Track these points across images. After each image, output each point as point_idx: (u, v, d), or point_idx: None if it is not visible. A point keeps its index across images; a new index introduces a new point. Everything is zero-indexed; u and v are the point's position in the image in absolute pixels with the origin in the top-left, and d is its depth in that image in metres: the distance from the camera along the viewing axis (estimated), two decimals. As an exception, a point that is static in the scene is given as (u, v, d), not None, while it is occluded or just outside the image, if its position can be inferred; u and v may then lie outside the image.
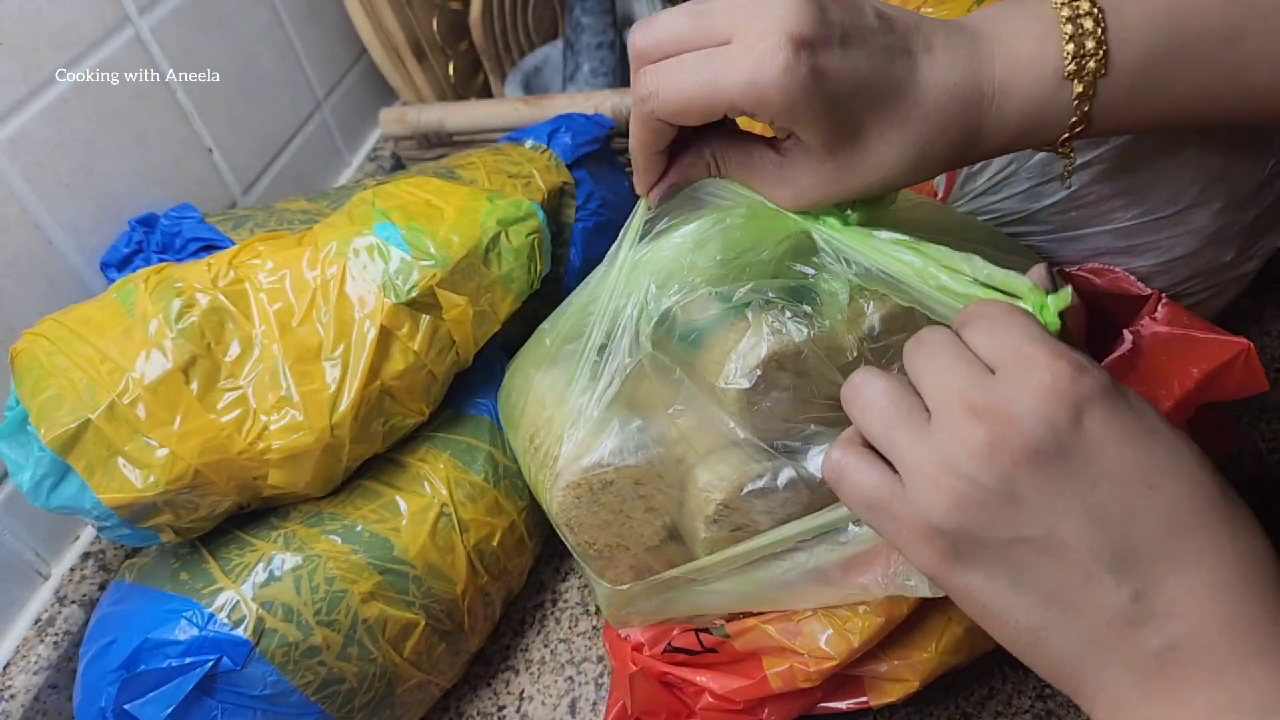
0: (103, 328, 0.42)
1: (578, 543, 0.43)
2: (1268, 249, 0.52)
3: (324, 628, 0.43)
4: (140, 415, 0.40)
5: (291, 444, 0.43)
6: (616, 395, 0.39)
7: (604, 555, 0.43)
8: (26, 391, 0.41)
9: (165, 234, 0.54)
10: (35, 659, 0.49)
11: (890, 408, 0.29)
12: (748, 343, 0.37)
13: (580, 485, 0.40)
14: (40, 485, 0.40)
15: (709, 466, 0.40)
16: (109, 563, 0.54)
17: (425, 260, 0.46)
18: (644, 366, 0.39)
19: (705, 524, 0.40)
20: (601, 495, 0.41)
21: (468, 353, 0.50)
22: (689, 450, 0.40)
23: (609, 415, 0.40)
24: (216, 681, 0.41)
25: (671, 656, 0.46)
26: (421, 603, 0.46)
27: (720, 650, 0.46)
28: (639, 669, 0.47)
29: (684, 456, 0.40)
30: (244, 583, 0.43)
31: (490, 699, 0.53)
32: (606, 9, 0.86)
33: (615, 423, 0.40)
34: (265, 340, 0.44)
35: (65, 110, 0.53)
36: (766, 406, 0.38)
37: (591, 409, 0.40)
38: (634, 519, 0.42)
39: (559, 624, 0.56)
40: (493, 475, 0.50)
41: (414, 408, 0.48)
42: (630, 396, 0.40)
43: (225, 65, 0.67)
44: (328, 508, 0.47)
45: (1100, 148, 0.48)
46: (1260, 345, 0.62)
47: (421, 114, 0.76)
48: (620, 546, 0.43)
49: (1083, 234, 0.51)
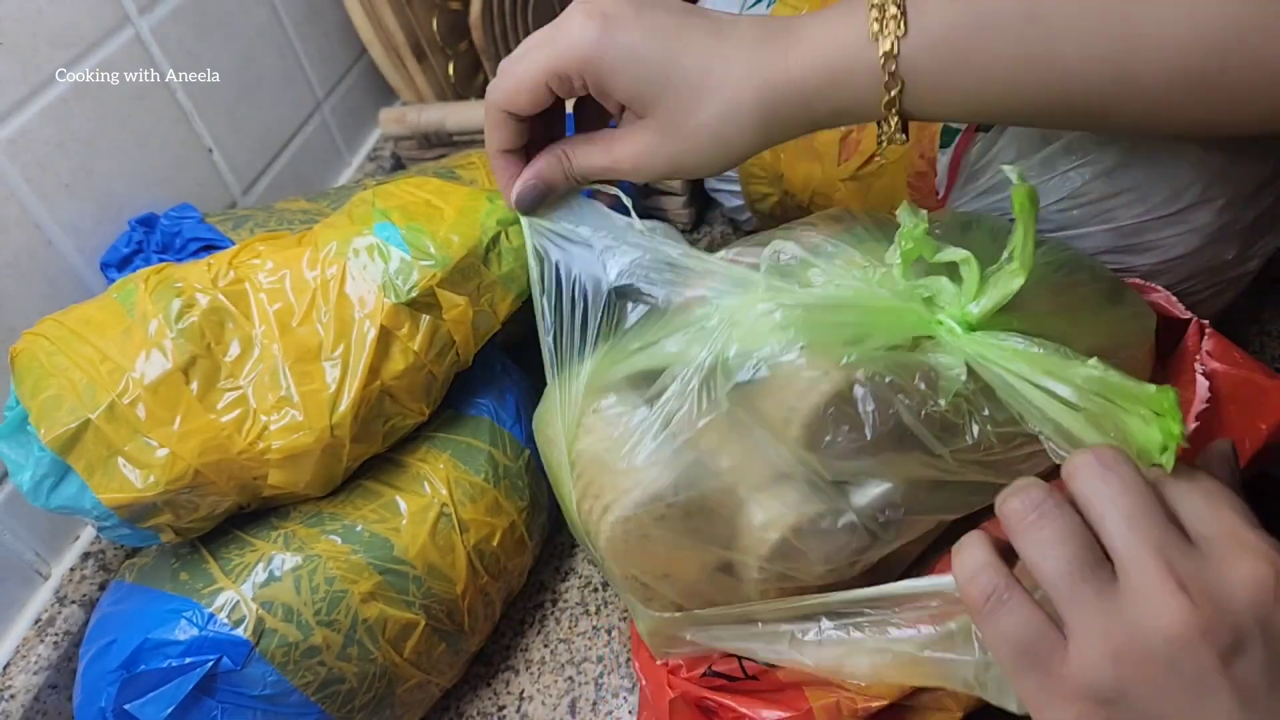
0: (103, 328, 0.42)
1: (624, 575, 0.41)
2: (1268, 248, 0.52)
3: (324, 628, 0.43)
4: (140, 415, 0.40)
5: (291, 444, 0.43)
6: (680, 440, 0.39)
7: (649, 587, 0.42)
8: (26, 391, 0.41)
9: (165, 234, 0.54)
10: (35, 659, 0.49)
11: (1076, 556, 0.26)
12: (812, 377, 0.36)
13: (632, 520, 0.39)
14: (40, 485, 0.40)
15: (763, 504, 0.38)
16: (109, 563, 0.54)
17: (425, 260, 0.46)
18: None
19: (758, 562, 0.39)
20: (653, 530, 0.39)
21: (468, 353, 0.50)
22: (740, 482, 0.39)
23: (665, 448, 0.39)
24: (216, 681, 0.41)
25: (711, 681, 0.45)
26: (421, 603, 0.46)
27: (762, 679, 0.44)
28: (678, 694, 0.45)
29: (735, 487, 0.39)
30: (244, 583, 0.43)
31: (490, 699, 0.53)
32: (607, 9, 0.86)
33: (671, 456, 0.39)
34: (265, 340, 0.44)
35: (65, 110, 0.53)
36: (836, 442, 0.36)
37: (649, 444, 0.39)
38: (684, 552, 0.40)
39: (559, 624, 0.56)
40: (493, 475, 0.50)
41: (414, 408, 0.48)
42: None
43: (225, 65, 0.67)
44: (328, 508, 0.47)
45: (1102, 147, 0.48)
46: (1260, 345, 0.62)
47: (421, 114, 0.76)
48: (667, 578, 0.41)
49: (1084, 232, 0.51)
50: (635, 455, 0.39)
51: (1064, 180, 0.49)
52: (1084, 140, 0.48)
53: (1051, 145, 0.49)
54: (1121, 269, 0.52)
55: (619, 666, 0.53)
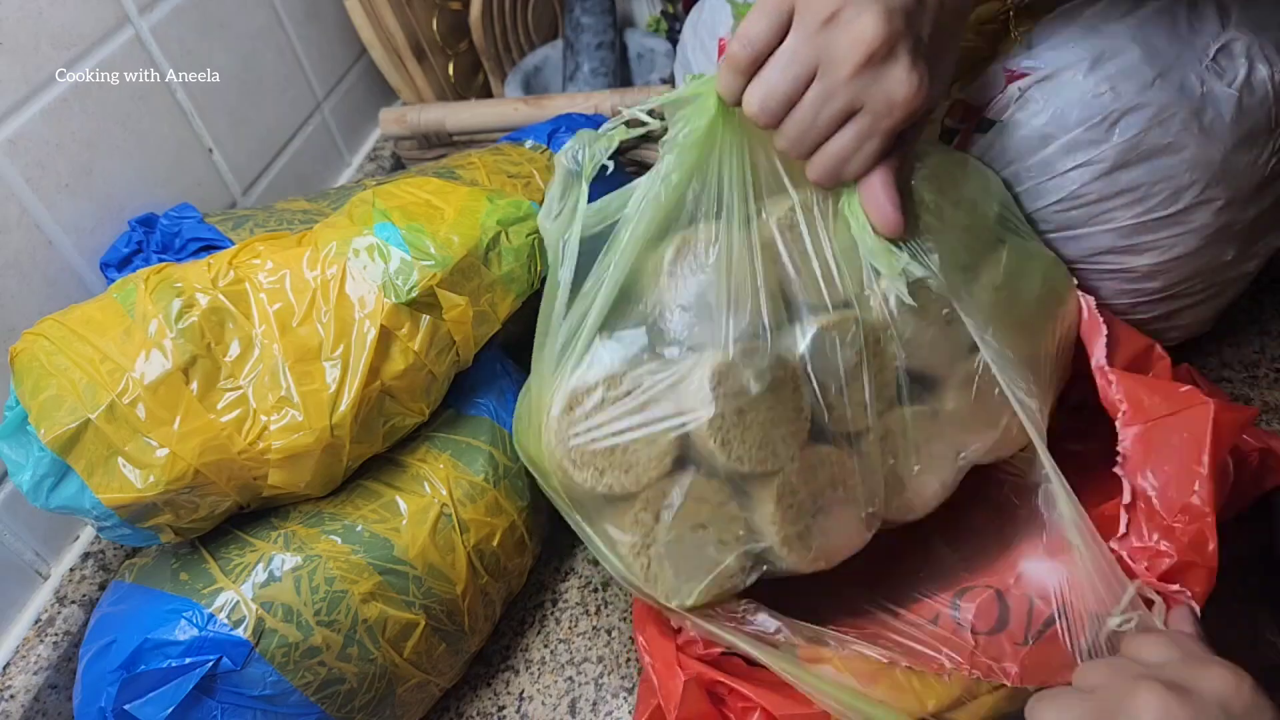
0: (103, 328, 0.42)
1: (583, 479, 0.41)
2: (1268, 249, 0.52)
3: (324, 628, 0.43)
4: (140, 415, 0.40)
5: (292, 444, 0.43)
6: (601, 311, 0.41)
7: (613, 491, 0.41)
8: (26, 391, 0.41)
9: (165, 234, 0.54)
10: (35, 659, 0.49)
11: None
12: None
13: (573, 408, 0.41)
14: (40, 485, 0.40)
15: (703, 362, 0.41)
16: (109, 563, 0.54)
17: (425, 260, 0.46)
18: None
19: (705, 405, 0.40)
20: (596, 415, 0.41)
21: (468, 353, 0.50)
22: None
23: (594, 337, 0.41)
24: (216, 682, 0.41)
25: (729, 661, 0.44)
26: (422, 603, 0.46)
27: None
28: (691, 677, 0.44)
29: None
30: (244, 583, 0.43)
31: (490, 699, 0.53)
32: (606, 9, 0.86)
33: (599, 341, 0.41)
34: (265, 340, 0.44)
35: (65, 110, 0.53)
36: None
37: (582, 335, 0.41)
38: (637, 440, 0.41)
39: (559, 624, 0.56)
40: (493, 475, 0.50)
41: (414, 408, 0.48)
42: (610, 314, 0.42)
43: (225, 65, 0.67)
44: (328, 508, 0.47)
45: (1100, 147, 0.48)
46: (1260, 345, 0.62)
47: (421, 114, 0.76)
48: (628, 473, 0.41)
49: (1083, 233, 0.51)
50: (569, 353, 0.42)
51: (1063, 181, 0.49)
52: (1083, 141, 0.48)
53: (1051, 146, 0.49)
54: (1121, 269, 0.52)
55: (619, 666, 0.53)
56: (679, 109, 0.43)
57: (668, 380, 0.41)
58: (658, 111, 0.44)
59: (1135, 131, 0.47)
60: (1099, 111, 0.47)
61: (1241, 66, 0.46)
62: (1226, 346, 0.63)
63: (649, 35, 0.94)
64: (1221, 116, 0.47)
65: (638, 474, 0.41)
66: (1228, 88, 0.46)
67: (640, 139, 0.78)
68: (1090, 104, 0.48)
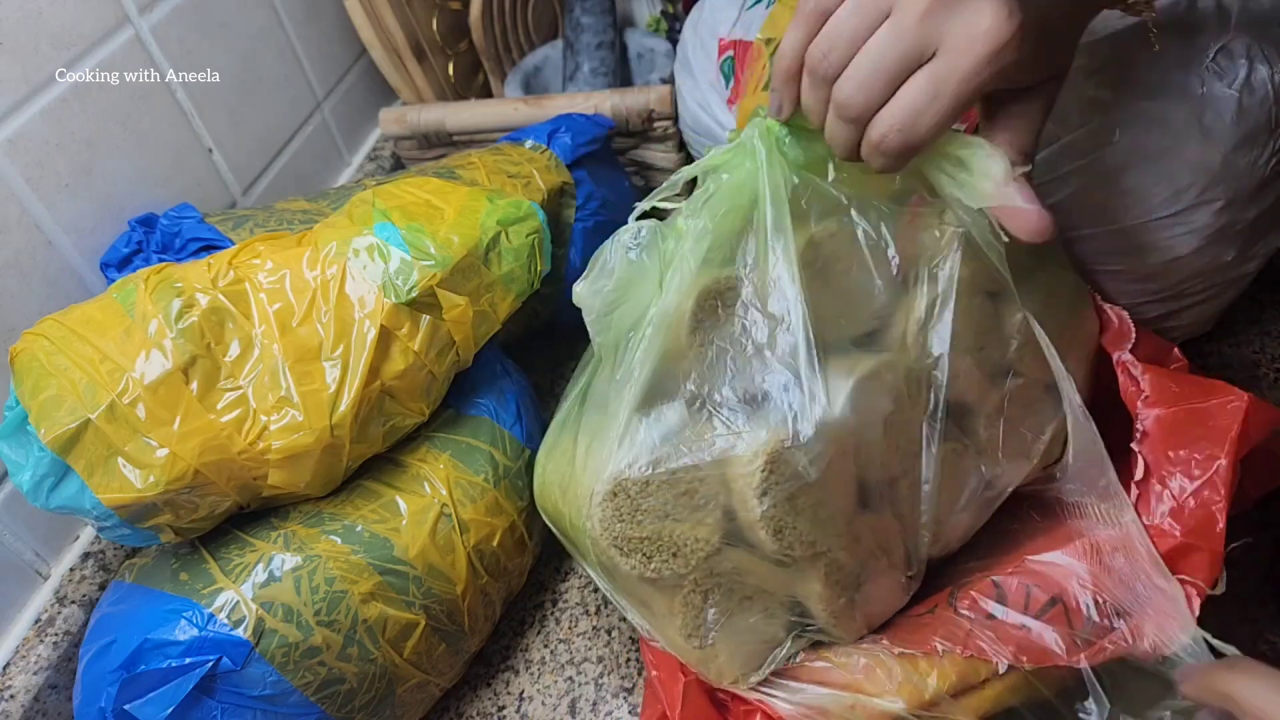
0: (103, 328, 0.42)
1: (630, 567, 0.40)
2: (1268, 249, 0.52)
3: (324, 628, 0.43)
4: (140, 415, 0.40)
5: (291, 444, 0.43)
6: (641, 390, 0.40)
7: (661, 576, 0.40)
8: (26, 391, 0.41)
9: (165, 234, 0.54)
10: (35, 659, 0.49)
11: None
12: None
13: (617, 494, 0.39)
14: (40, 485, 0.40)
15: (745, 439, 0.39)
16: (109, 563, 0.54)
17: (425, 260, 0.46)
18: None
19: (757, 498, 0.38)
20: (641, 500, 0.39)
21: (468, 353, 0.50)
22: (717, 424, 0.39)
23: (633, 418, 0.39)
24: (216, 682, 0.41)
25: None
26: (421, 603, 0.46)
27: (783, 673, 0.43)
28: (692, 678, 0.44)
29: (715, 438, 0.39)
30: (244, 583, 0.43)
31: (490, 699, 0.53)
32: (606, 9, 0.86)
33: (639, 421, 0.39)
34: (265, 340, 0.44)
35: (65, 110, 0.53)
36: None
37: (620, 416, 0.40)
38: (682, 521, 0.40)
39: (559, 624, 0.56)
40: (493, 475, 0.50)
41: (414, 408, 0.48)
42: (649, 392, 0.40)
43: (225, 65, 0.67)
44: (328, 508, 0.47)
45: (1101, 148, 0.48)
46: (1260, 345, 0.62)
47: (421, 114, 0.76)
48: (676, 557, 0.40)
49: (1084, 234, 0.51)
50: (604, 437, 0.40)
51: (1064, 182, 0.49)
52: (1084, 142, 0.48)
53: (1051, 146, 0.49)
54: (1121, 270, 0.52)
55: (619, 667, 0.53)
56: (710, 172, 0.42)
57: (711, 456, 0.39)
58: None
59: (1135, 132, 0.47)
60: (1099, 112, 0.47)
61: (1241, 67, 0.47)
62: (1226, 346, 0.63)
63: (649, 35, 0.94)
64: (1221, 117, 0.47)
65: (685, 557, 0.40)
66: (1228, 88, 0.46)
67: (640, 139, 0.79)
68: (1091, 105, 0.48)
